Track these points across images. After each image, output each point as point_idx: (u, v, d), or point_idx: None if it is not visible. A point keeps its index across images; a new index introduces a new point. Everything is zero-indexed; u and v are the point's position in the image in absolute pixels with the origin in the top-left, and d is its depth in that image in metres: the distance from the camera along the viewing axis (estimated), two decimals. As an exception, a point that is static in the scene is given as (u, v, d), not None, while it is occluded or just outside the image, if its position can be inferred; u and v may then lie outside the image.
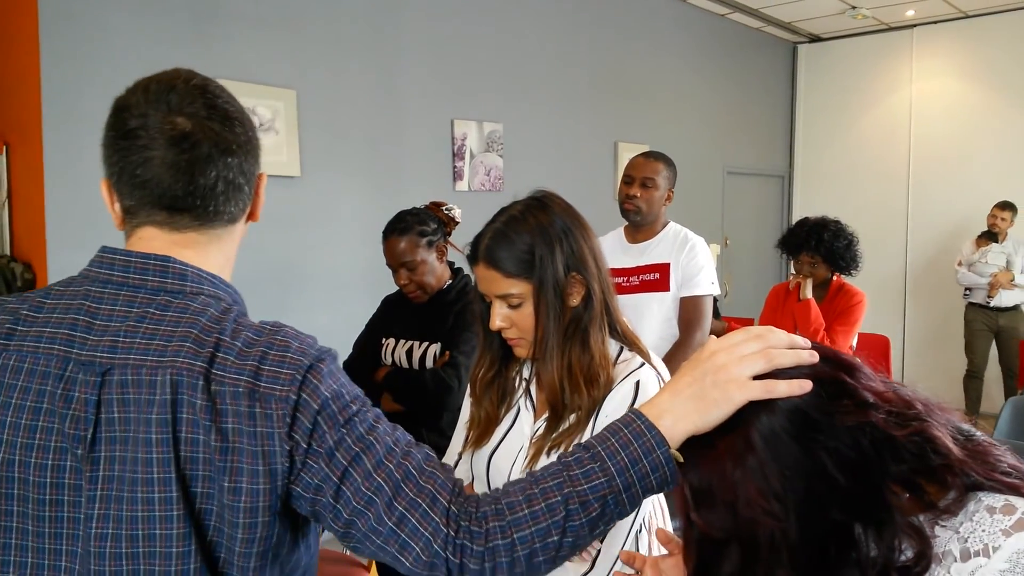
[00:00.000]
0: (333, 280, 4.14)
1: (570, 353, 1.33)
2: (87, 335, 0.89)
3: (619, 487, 0.90)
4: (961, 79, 6.82)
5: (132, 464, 0.85)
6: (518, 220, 1.34)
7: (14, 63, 3.33)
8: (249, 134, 0.99)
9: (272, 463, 0.86)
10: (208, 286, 0.95)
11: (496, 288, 1.33)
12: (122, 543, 0.85)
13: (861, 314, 3.41)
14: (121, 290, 0.92)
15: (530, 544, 0.89)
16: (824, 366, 0.86)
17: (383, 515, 0.89)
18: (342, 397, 0.91)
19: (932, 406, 0.87)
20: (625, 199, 2.86)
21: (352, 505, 0.89)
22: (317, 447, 0.88)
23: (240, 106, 1.00)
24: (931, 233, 6.95)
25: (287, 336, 0.93)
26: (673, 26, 6.33)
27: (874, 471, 0.81)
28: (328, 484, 0.88)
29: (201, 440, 0.85)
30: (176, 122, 0.92)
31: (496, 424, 1.45)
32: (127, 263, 0.92)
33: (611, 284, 1.41)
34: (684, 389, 0.91)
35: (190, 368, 0.86)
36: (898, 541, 0.81)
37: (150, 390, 0.86)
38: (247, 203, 1.01)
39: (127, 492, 0.85)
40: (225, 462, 0.85)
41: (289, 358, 0.89)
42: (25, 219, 3.32)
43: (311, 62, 4.02)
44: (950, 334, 6.57)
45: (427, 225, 2.32)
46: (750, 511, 0.82)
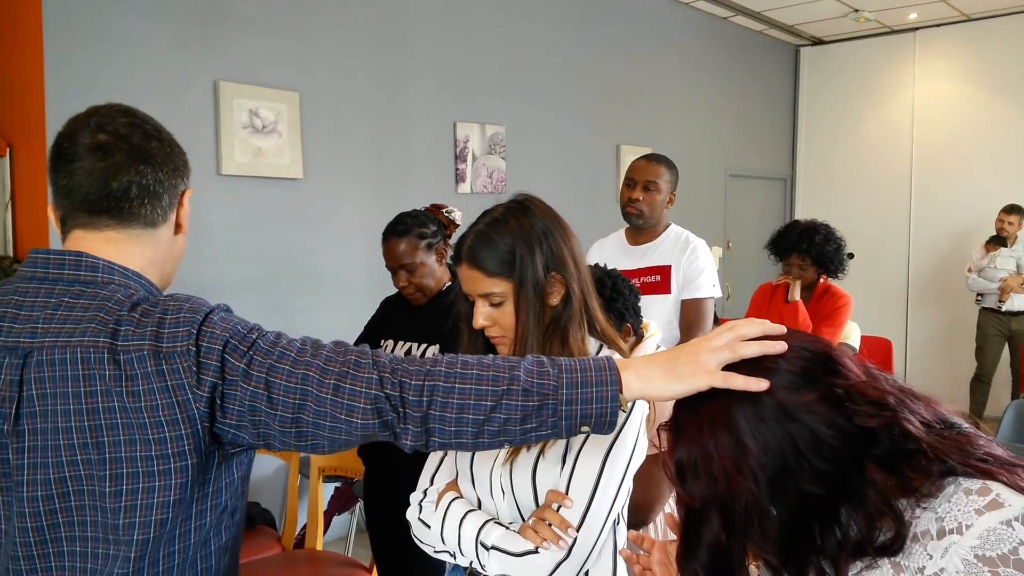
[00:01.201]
0: (335, 281, 4.14)
1: (550, 351, 1.37)
2: (13, 324, 1.01)
3: (562, 398, 0.99)
4: (964, 82, 6.82)
5: (54, 434, 0.97)
6: (500, 222, 1.40)
7: (18, 66, 3.34)
8: (168, 151, 1.12)
9: (188, 409, 0.97)
10: (119, 276, 1.07)
11: (478, 287, 1.39)
12: (54, 500, 0.98)
13: (847, 315, 3.46)
14: (43, 284, 1.05)
15: (466, 398, 0.98)
16: (802, 358, 0.92)
17: (320, 395, 0.98)
18: (238, 331, 1.01)
19: (913, 398, 0.92)
20: (627, 202, 2.86)
21: (289, 403, 0.98)
22: (231, 376, 0.99)
23: (163, 130, 1.14)
24: (934, 236, 6.94)
25: (179, 300, 1.03)
26: (676, 29, 6.34)
27: (848, 451, 0.87)
28: (258, 398, 0.98)
29: (117, 407, 0.96)
30: (97, 137, 1.07)
31: None
32: (47, 260, 1.06)
33: (591, 284, 1.45)
34: (658, 358, 1.01)
35: (95, 344, 0.98)
36: (876, 521, 0.86)
37: (63, 368, 0.97)
38: (167, 211, 1.13)
39: (51, 458, 0.98)
40: (145, 419, 0.96)
41: (183, 317, 1.00)
42: (28, 221, 3.33)
43: (314, 65, 4.03)
44: (954, 337, 6.57)
45: (426, 227, 2.33)
46: (726, 481, 0.89)
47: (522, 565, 1.29)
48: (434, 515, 1.45)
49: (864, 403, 0.88)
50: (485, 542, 1.34)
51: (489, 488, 1.42)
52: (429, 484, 1.53)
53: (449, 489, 1.47)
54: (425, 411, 0.98)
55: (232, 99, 3.70)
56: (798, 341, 0.95)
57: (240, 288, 3.75)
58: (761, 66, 7.33)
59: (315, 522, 2.86)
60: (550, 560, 1.28)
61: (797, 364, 0.91)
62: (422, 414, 0.98)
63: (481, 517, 1.38)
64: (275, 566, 2.71)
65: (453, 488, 1.47)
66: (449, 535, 1.40)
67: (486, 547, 1.33)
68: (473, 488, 1.45)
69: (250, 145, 3.77)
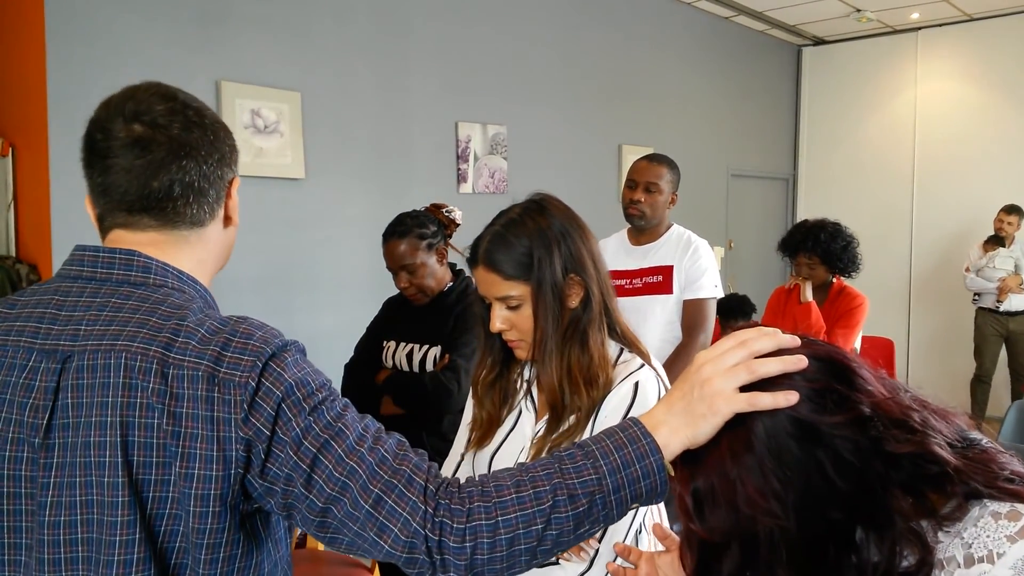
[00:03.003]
0: (337, 282, 4.14)
1: (569, 354, 1.35)
2: (52, 326, 0.92)
3: (608, 487, 0.90)
4: (966, 82, 6.81)
5: (84, 449, 0.86)
6: (516, 223, 1.36)
7: (20, 66, 3.34)
8: (212, 139, 1.00)
9: (227, 450, 0.86)
10: (173, 280, 0.97)
11: (495, 290, 1.35)
12: (77, 529, 0.86)
13: (862, 317, 3.41)
14: (88, 284, 0.95)
15: (514, 528, 0.88)
16: (822, 373, 0.86)
17: (359, 499, 0.87)
18: (307, 384, 0.90)
19: (933, 413, 0.87)
20: (629, 204, 2.86)
21: (326, 492, 0.87)
22: (283, 435, 0.87)
23: (207, 112, 1.01)
24: (936, 236, 6.93)
25: (252, 326, 0.93)
26: (678, 29, 6.34)
27: (874, 475, 0.81)
28: (298, 472, 0.87)
29: (155, 424, 0.85)
30: (132, 129, 0.95)
31: (498, 425, 1.46)
32: (95, 258, 0.96)
33: (610, 286, 1.42)
34: (676, 403, 0.92)
35: (144, 352, 0.87)
36: (899, 546, 0.81)
37: (104, 374, 0.87)
38: (215, 207, 1.02)
39: (80, 477, 0.86)
40: (178, 447, 0.85)
41: (252, 346, 0.89)
42: (30, 221, 3.34)
43: (316, 64, 4.03)
44: (956, 337, 6.56)
45: (427, 228, 2.32)
46: (750, 509, 0.83)
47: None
48: None
49: (892, 426, 0.82)
50: None
51: None
52: None
53: None
54: (470, 557, 0.87)
55: (234, 99, 3.70)
56: (813, 351, 0.89)
57: (241, 288, 3.75)
58: (763, 66, 7.32)
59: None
60: (572, 572, 1.27)
61: (817, 380, 0.85)
62: (466, 561, 0.87)
63: None
64: (277, 566, 2.71)
65: None
66: None
67: None
68: None
69: (252, 145, 3.77)
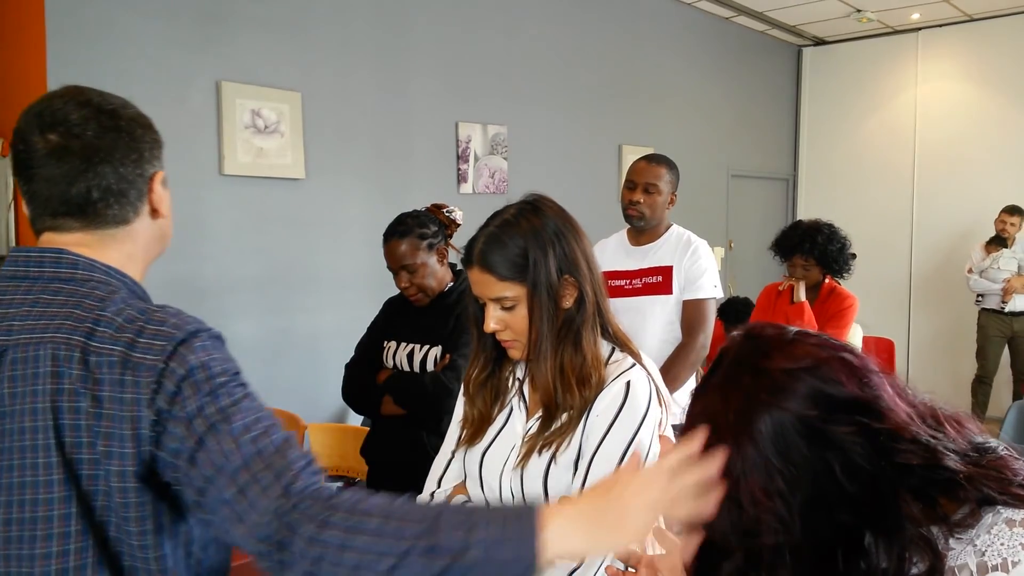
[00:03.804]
0: (338, 282, 4.15)
1: (563, 354, 1.35)
2: None
3: (471, 558, 0.85)
4: (966, 82, 6.81)
5: (19, 434, 0.92)
6: (511, 224, 1.36)
7: (21, 66, 3.34)
8: (127, 139, 1.03)
9: (139, 428, 0.92)
10: (99, 274, 1.02)
11: (490, 291, 1.35)
12: (12, 509, 0.92)
13: (852, 316, 3.44)
14: (23, 282, 1.01)
15: (362, 556, 0.86)
16: (837, 367, 0.84)
17: (227, 484, 0.90)
18: (209, 368, 0.94)
19: (946, 420, 0.86)
20: (628, 205, 2.86)
21: (204, 473, 0.91)
22: (179, 412, 0.92)
23: (124, 112, 1.05)
24: (936, 236, 6.93)
25: (167, 314, 0.98)
26: (678, 29, 6.34)
27: (884, 480, 0.80)
28: (186, 450, 0.91)
29: (82, 408, 0.92)
30: (48, 139, 0.99)
31: (489, 423, 1.47)
32: (28, 259, 1.03)
33: (603, 286, 1.43)
34: (585, 510, 0.90)
35: (68, 342, 0.93)
36: (909, 553, 0.79)
37: (34, 364, 0.93)
38: (136, 204, 1.06)
39: (16, 460, 0.92)
40: (100, 427, 0.92)
41: (164, 331, 0.95)
42: (31, 221, 3.34)
43: (316, 65, 4.04)
44: (956, 338, 6.56)
45: (427, 228, 2.32)
46: (754, 508, 0.81)
47: None
48: None
49: (903, 442, 0.81)
50: None
51: (499, 492, 1.40)
52: (436, 486, 1.51)
53: (457, 492, 1.46)
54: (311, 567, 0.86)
55: (234, 99, 3.70)
56: (829, 350, 0.87)
57: (242, 288, 3.76)
58: (763, 66, 7.32)
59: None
60: (561, 569, 1.27)
61: (830, 382, 0.83)
62: (306, 570, 0.87)
63: None
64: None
65: (461, 491, 1.46)
66: None
67: None
68: (482, 492, 1.44)
69: (252, 145, 3.77)
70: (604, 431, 1.33)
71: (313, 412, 3.67)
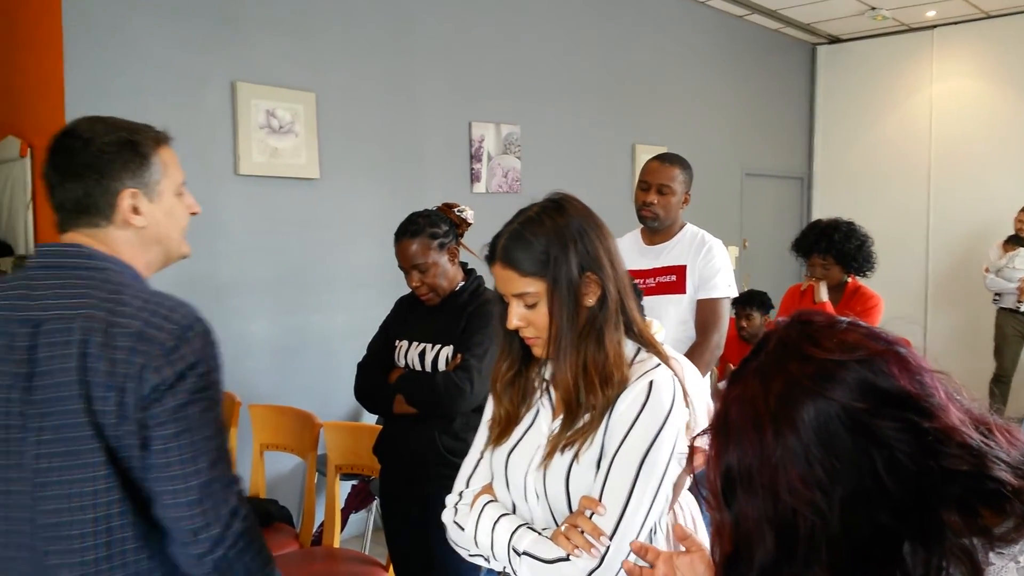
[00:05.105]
0: (351, 281, 4.16)
1: (585, 352, 1.35)
2: (27, 302, 1.23)
3: None
4: (983, 80, 6.75)
5: (55, 388, 1.17)
6: (534, 221, 1.37)
7: (39, 68, 3.38)
8: (94, 162, 1.28)
9: (144, 386, 1.16)
10: (111, 264, 1.27)
11: (512, 287, 1.37)
12: (54, 445, 1.17)
13: (878, 317, 3.38)
14: (51, 270, 1.26)
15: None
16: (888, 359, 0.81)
17: (172, 476, 1.17)
18: (205, 364, 1.21)
19: (997, 430, 0.82)
20: (642, 206, 2.85)
21: (151, 459, 1.17)
22: (164, 398, 1.17)
23: (96, 142, 1.29)
24: (953, 235, 6.88)
25: (175, 301, 1.24)
26: (691, 28, 6.32)
27: (928, 484, 0.77)
28: (151, 423, 1.17)
29: (99, 368, 1.16)
30: (48, 160, 1.31)
31: (516, 423, 1.47)
32: (55, 251, 1.28)
33: (628, 285, 1.43)
34: None
35: (93, 316, 1.18)
36: (947, 563, 0.76)
37: (67, 334, 1.18)
38: (109, 213, 1.29)
39: (56, 408, 1.17)
40: (114, 383, 1.16)
41: (174, 316, 1.20)
42: (49, 221, 3.35)
43: (330, 65, 4.06)
44: (973, 337, 6.51)
45: (438, 227, 2.32)
46: (791, 498, 0.78)
47: (553, 572, 1.28)
48: (468, 518, 1.44)
49: (952, 446, 0.78)
50: (517, 547, 1.33)
51: (524, 492, 1.40)
52: (464, 486, 1.51)
53: (484, 492, 1.46)
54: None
55: (249, 100, 3.73)
56: (883, 342, 0.83)
57: (256, 287, 3.78)
58: (777, 65, 7.29)
59: (332, 520, 2.88)
60: (582, 568, 1.27)
61: (881, 374, 0.80)
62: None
63: (514, 522, 1.37)
64: (293, 563, 2.73)
65: (488, 491, 1.47)
66: (482, 539, 1.39)
67: (518, 552, 1.32)
68: (508, 492, 1.44)
69: (267, 145, 3.79)
70: (625, 430, 1.32)
71: (327, 410, 3.68)
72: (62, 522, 1.16)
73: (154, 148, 1.33)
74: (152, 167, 1.32)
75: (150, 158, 1.32)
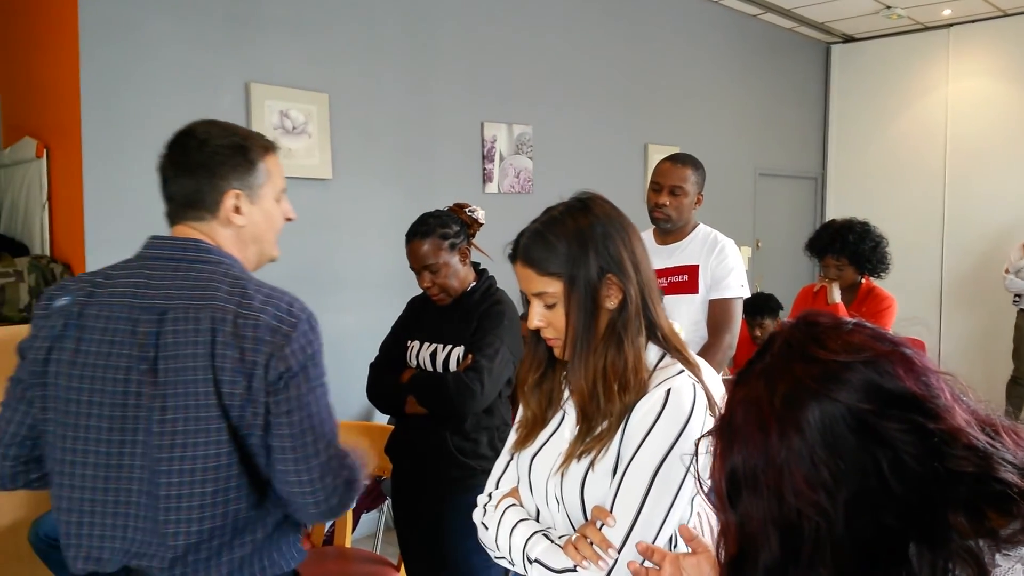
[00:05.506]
0: (363, 281, 4.17)
1: (604, 357, 1.33)
2: (147, 290, 1.32)
3: None
4: (1000, 79, 6.69)
5: (182, 372, 1.26)
6: (556, 220, 1.36)
7: (55, 69, 3.40)
8: (207, 160, 1.38)
9: (268, 375, 1.28)
10: (226, 258, 1.38)
11: (531, 286, 1.36)
12: (178, 424, 1.27)
13: (891, 318, 3.36)
14: (169, 262, 1.35)
15: None
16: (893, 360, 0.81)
17: (296, 459, 1.31)
18: (316, 359, 1.36)
19: (1004, 432, 0.82)
20: (654, 208, 2.84)
21: (274, 441, 1.30)
22: (289, 386, 1.29)
23: (211, 143, 1.40)
24: (968, 236, 6.82)
25: (292, 296, 1.37)
26: (704, 27, 6.30)
27: (933, 486, 0.76)
28: (277, 410, 1.29)
29: (232, 356, 1.26)
30: (166, 161, 1.41)
31: (542, 426, 1.45)
32: (172, 244, 1.38)
33: (654, 289, 1.40)
34: None
35: (223, 309, 1.28)
36: (952, 565, 0.76)
37: (195, 323, 1.27)
38: (214, 209, 1.39)
39: (180, 390, 1.27)
40: (243, 369, 1.27)
41: (293, 311, 1.33)
42: (64, 221, 3.40)
43: (343, 66, 4.07)
44: (989, 338, 6.45)
45: (449, 228, 2.32)
46: (796, 500, 0.78)
47: None
48: (492, 520, 1.44)
49: (958, 448, 0.78)
50: (530, 554, 1.32)
51: (545, 498, 1.39)
52: (495, 487, 1.51)
53: (508, 496, 1.46)
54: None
55: (263, 100, 3.74)
56: (888, 343, 0.83)
57: (270, 287, 3.79)
58: (791, 64, 7.25)
59: (344, 519, 2.89)
60: (597, 571, 1.25)
61: (886, 376, 0.79)
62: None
63: (530, 528, 1.36)
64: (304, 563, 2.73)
65: (513, 495, 1.46)
66: (502, 542, 1.39)
67: (530, 560, 1.32)
68: (531, 496, 1.43)
69: (281, 146, 3.80)
70: (641, 439, 1.29)
71: (339, 410, 3.64)
72: (183, 493, 1.26)
73: (262, 155, 1.45)
74: (257, 172, 1.43)
75: (257, 163, 1.43)
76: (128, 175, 3.33)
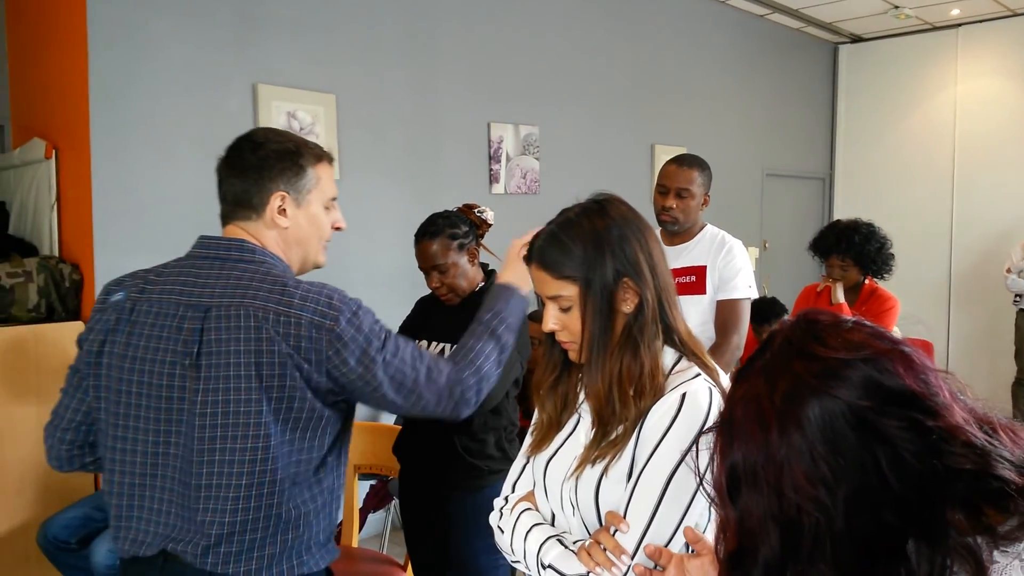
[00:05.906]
0: (371, 281, 4.17)
1: (621, 361, 1.31)
2: (193, 288, 1.39)
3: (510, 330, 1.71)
4: (1008, 79, 6.67)
5: (224, 367, 1.33)
6: (572, 223, 1.34)
7: (63, 70, 3.42)
8: (257, 163, 1.45)
9: (321, 363, 1.35)
10: (269, 258, 1.45)
11: (546, 289, 1.34)
12: (217, 417, 1.33)
13: (894, 319, 3.36)
14: (216, 261, 1.43)
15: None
16: (892, 358, 0.82)
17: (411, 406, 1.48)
18: (372, 342, 1.42)
19: (1001, 429, 0.82)
20: (661, 210, 2.83)
21: (379, 403, 1.45)
22: (364, 376, 1.40)
23: (266, 147, 1.46)
24: (976, 236, 6.80)
25: (331, 289, 1.42)
26: (711, 27, 6.29)
27: (932, 483, 0.77)
28: (369, 392, 1.42)
29: (277, 351, 1.33)
30: (223, 163, 1.49)
31: (557, 430, 1.44)
32: (219, 243, 1.45)
33: (671, 292, 1.38)
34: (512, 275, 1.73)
35: (265, 307, 1.35)
36: (950, 561, 0.76)
37: (236, 320, 1.34)
38: (260, 210, 1.46)
39: (221, 385, 1.33)
40: (292, 362, 1.34)
41: (336, 301, 1.39)
42: (73, 222, 3.41)
43: (351, 67, 4.07)
44: (997, 338, 6.43)
45: (458, 228, 2.33)
46: (796, 496, 0.78)
47: None
48: (508, 523, 1.43)
49: (956, 445, 0.78)
50: (543, 560, 1.31)
51: (560, 502, 1.38)
52: (511, 490, 1.50)
53: (524, 499, 1.45)
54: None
55: (271, 101, 3.75)
56: (888, 341, 0.84)
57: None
58: (798, 64, 7.24)
59: (351, 519, 2.89)
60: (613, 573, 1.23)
61: (886, 373, 0.80)
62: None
63: (544, 533, 1.35)
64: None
65: (529, 499, 1.45)
66: (517, 547, 1.38)
67: (543, 566, 1.31)
68: (547, 500, 1.41)
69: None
70: (655, 444, 1.27)
71: (347, 411, 3.69)
72: (221, 484, 1.33)
73: (313, 162, 1.50)
74: (306, 177, 1.49)
75: (306, 169, 1.49)
76: (136, 176, 3.34)
